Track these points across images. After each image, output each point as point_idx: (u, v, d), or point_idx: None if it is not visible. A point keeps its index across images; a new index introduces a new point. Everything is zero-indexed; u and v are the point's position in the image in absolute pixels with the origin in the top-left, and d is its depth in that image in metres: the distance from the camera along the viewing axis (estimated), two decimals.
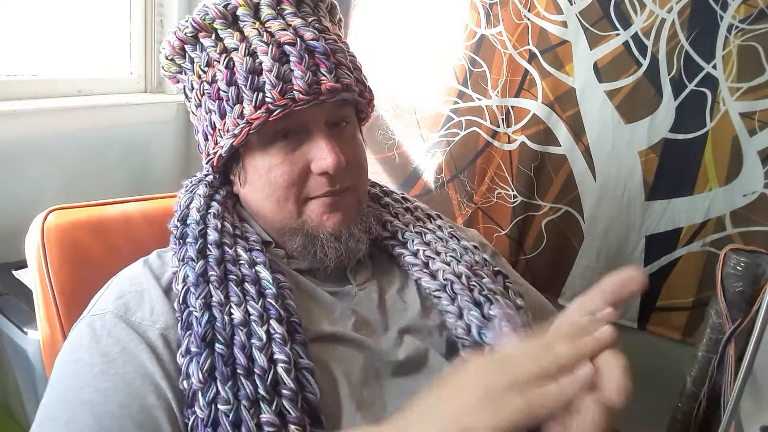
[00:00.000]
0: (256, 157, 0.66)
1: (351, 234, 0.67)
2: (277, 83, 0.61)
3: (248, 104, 0.62)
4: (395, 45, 1.29)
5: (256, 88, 0.62)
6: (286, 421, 0.51)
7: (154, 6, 1.51)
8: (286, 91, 0.62)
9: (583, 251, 1.19)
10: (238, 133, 0.64)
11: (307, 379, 0.54)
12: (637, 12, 1.05)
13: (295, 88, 0.62)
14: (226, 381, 0.51)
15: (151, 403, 0.51)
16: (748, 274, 0.85)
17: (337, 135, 0.66)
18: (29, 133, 1.23)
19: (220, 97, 0.64)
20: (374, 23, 1.31)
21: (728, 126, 1.02)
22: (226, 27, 0.65)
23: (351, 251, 0.67)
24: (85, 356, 0.55)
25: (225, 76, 0.64)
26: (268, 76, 0.62)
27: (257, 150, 0.66)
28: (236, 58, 0.63)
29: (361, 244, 0.68)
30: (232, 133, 0.64)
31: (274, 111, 0.62)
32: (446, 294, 0.67)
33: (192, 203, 0.67)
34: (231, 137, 0.65)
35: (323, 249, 0.66)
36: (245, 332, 0.55)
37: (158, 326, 0.56)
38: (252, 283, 0.59)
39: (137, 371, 0.53)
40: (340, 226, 0.66)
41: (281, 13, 0.66)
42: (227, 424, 0.49)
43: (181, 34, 0.67)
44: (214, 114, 0.66)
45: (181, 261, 0.60)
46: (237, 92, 0.63)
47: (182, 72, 0.71)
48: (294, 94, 0.62)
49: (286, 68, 0.62)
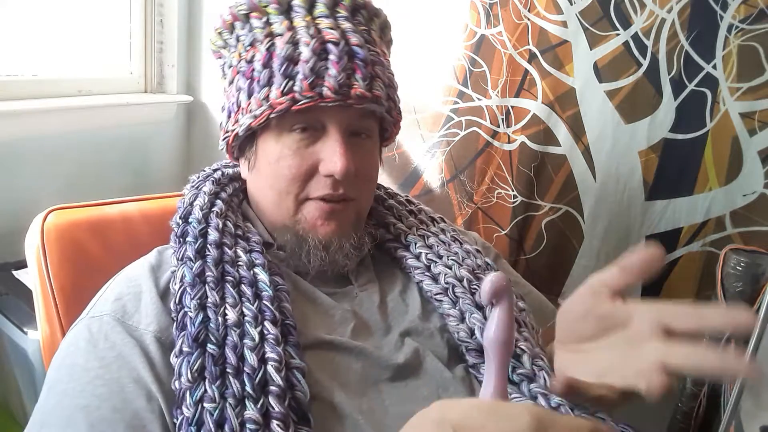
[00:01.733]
0: (270, 143, 0.66)
1: (341, 247, 0.67)
2: (309, 75, 0.62)
3: (276, 89, 0.63)
4: (395, 45, 1.29)
5: (288, 76, 0.63)
6: (270, 418, 0.50)
7: (154, 6, 1.51)
8: (315, 85, 0.62)
9: (583, 251, 1.19)
10: (259, 114, 0.64)
11: (297, 379, 0.54)
12: (637, 12, 1.05)
13: (325, 85, 0.62)
14: (215, 380, 0.51)
15: (143, 407, 0.51)
16: (748, 274, 0.85)
17: (355, 144, 0.66)
18: (29, 133, 1.23)
19: (253, 77, 0.65)
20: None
21: (728, 126, 1.02)
22: (279, 13, 0.66)
23: (336, 264, 0.67)
24: (81, 360, 0.55)
25: (263, 58, 0.64)
26: (303, 67, 0.62)
27: (272, 136, 0.66)
28: (279, 43, 0.64)
29: (348, 259, 0.68)
30: (254, 113, 0.64)
31: (299, 101, 0.62)
32: (448, 297, 0.67)
33: (196, 200, 0.67)
34: (251, 117, 0.65)
35: (308, 255, 0.66)
36: (238, 333, 0.54)
37: (152, 329, 0.56)
38: (249, 285, 0.59)
39: (131, 375, 0.53)
40: (332, 236, 0.66)
41: (334, 15, 0.67)
42: (211, 423, 0.49)
43: (235, 10, 0.68)
44: (242, 93, 0.66)
45: (180, 260, 0.60)
46: (269, 75, 0.64)
47: (226, 47, 0.71)
48: (323, 90, 0.62)
49: (323, 64, 0.63)
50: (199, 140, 1.64)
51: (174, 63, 1.54)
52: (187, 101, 1.56)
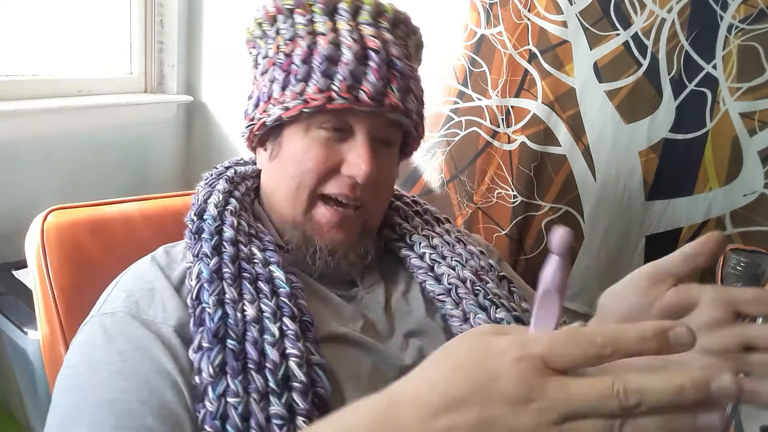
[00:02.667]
0: (297, 136, 0.67)
1: (345, 256, 0.68)
2: (348, 77, 0.63)
3: (313, 85, 0.64)
4: None
5: (326, 74, 0.63)
6: (295, 414, 0.51)
7: (154, 6, 1.51)
8: (353, 88, 0.63)
9: (583, 251, 1.19)
10: (291, 107, 0.65)
11: (318, 375, 0.54)
12: (637, 12, 1.05)
13: (362, 89, 0.63)
14: (237, 375, 0.51)
15: (171, 399, 0.51)
16: (748, 274, 0.85)
17: (378, 152, 0.67)
18: (29, 133, 1.23)
19: (290, 70, 0.66)
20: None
21: (728, 126, 1.02)
22: (324, 13, 0.67)
23: (339, 270, 0.68)
24: (100, 355, 0.54)
25: (303, 54, 0.65)
26: (343, 68, 0.63)
27: (301, 129, 0.66)
28: (321, 41, 0.65)
29: (352, 267, 0.69)
30: (286, 105, 0.65)
31: (335, 100, 0.63)
32: (450, 298, 0.68)
33: (210, 198, 0.67)
34: (282, 109, 0.65)
35: (313, 257, 0.66)
36: (258, 329, 0.55)
37: (171, 323, 0.56)
38: (265, 282, 0.59)
39: (153, 368, 0.53)
40: (339, 245, 0.67)
41: (377, 24, 0.68)
42: (236, 416, 0.49)
43: (280, 3, 0.68)
44: (276, 83, 0.67)
45: (196, 257, 0.60)
46: (307, 71, 0.64)
47: (263, 38, 0.71)
48: (359, 94, 0.63)
49: (362, 69, 0.64)
50: (199, 140, 1.63)
51: (174, 63, 1.54)
52: (187, 101, 1.56)
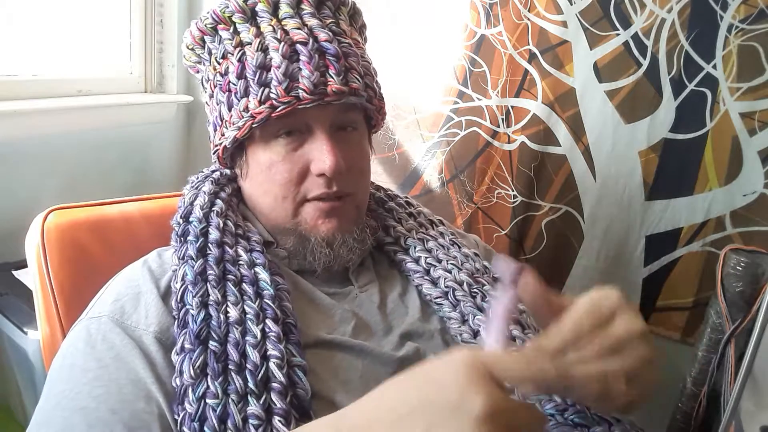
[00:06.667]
0: (258, 152, 0.66)
1: (344, 241, 0.67)
2: (283, 80, 0.61)
3: (253, 98, 0.62)
4: (395, 45, 1.29)
5: (263, 84, 0.62)
6: (272, 414, 0.51)
7: (154, 6, 1.51)
8: (291, 89, 0.62)
9: (583, 251, 1.19)
10: (242, 126, 0.64)
11: (299, 376, 0.54)
12: (637, 12, 1.05)
13: (300, 87, 0.62)
14: (217, 377, 0.51)
15: (142, 409, 0.51)
16: (748, 274, 0.85)
17: (342, 139, 0.66)
18: (29, 133, 1.23)
19: (230, 89, 0.65)
20: (374, 23, 1.31)
21: (728, 126, 1.02)
22: (244, 21, 0.66)
23: (341, 258, 0.67)
24: (79, 361, 0.55)
25: (236, 69, 0.64)
26: (275, 73, 0.62)
27: (260, 145, 0.66)
28: (249, 52, 0.64)
29: (353, 253, 0.68)
30: (237, 125, 0.64)
31: (278, 107, 0.62)
32: (448, 301, 0.68)
33: (196, 200, 0.67)
34: (235, 129, 0.65)
35: (313, 253, 0.66)
36: (240, 330, 0.55)
37: (152, 329, 0.56)
38: (250, 284, 0.59)
39: (129, 377, 0.53)
40: (335, 232, 0.66)
41: (299, 13, 0.66)
42: (214, 418, 0.49)
43: (202, 24, 0.68)
44: (223, 105, 0.66)
45: (181, 259, 0.60)
46: (245, 86, 0.63)
47: (201, 62, 0.71)
48: (299, 93, 0.62)
49: (295, 66, 0.62)
50: (199, 140, 1.63)
51: (174, 63, 1.53)
52: (187, 101, 1.56)
